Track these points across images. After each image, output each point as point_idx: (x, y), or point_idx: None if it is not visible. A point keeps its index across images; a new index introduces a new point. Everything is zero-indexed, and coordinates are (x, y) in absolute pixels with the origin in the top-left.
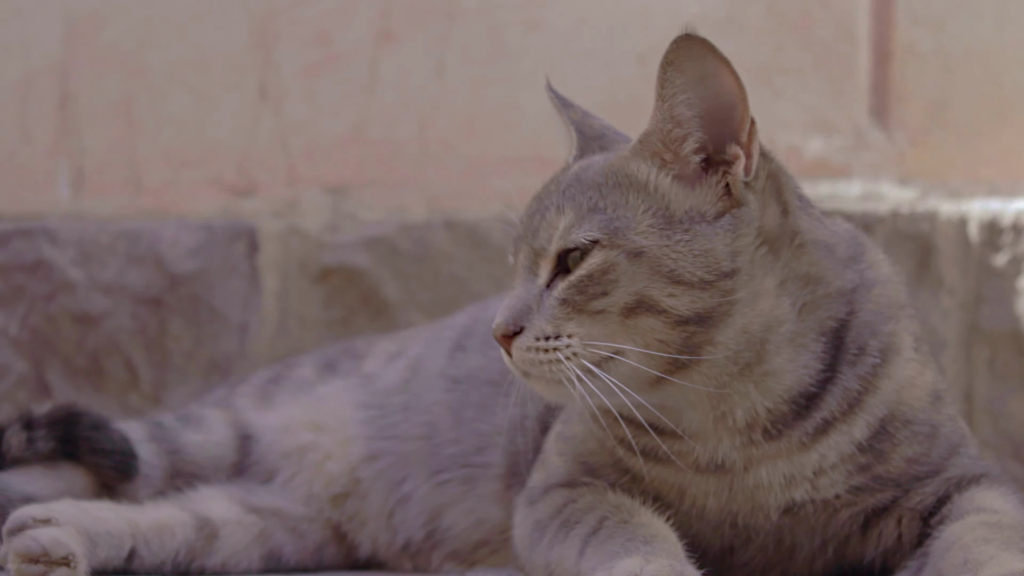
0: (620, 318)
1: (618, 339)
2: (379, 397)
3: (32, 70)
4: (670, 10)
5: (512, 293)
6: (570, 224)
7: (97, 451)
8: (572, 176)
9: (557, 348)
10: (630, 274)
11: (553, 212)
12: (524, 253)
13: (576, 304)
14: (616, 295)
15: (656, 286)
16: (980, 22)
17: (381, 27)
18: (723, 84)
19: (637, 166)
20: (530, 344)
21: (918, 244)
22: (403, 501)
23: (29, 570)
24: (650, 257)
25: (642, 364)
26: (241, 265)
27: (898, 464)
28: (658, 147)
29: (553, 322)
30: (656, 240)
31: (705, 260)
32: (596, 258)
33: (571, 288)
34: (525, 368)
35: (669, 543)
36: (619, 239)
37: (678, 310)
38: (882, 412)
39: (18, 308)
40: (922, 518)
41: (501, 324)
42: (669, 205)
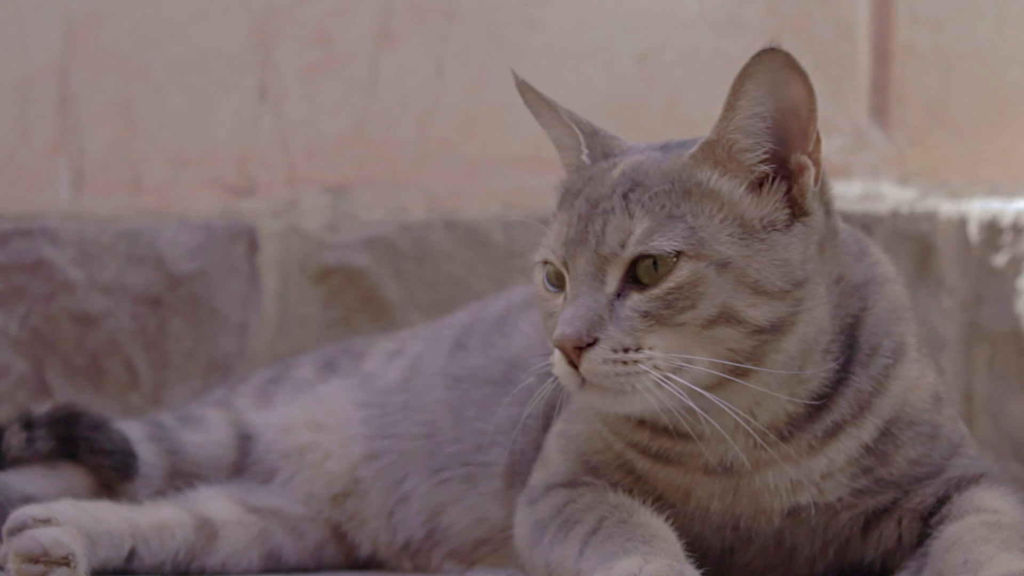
0: (699, 329)
1: (693, 349)
2: (379, 396)
3: (32, 70)
4: (670, 10)
5: (577, 301)
6: (648, 231)
7: (97, 451)
8: (627, 179)
9: (638, 361)
10: (717, 286)
11: (620, 216)
12: (585, 259)
13: (661, 317)
14: (701, 307)
15: (740, 297)
16: (980, 22)
17: (381, 27)
18: (799, 97)
19: (705, 173)
20: (607, 357)
21: (918, 244)
22: (403, 500)
23: (29, 570)
24: (736, 268)
25: (709, 370)
26: (241, 265)
27: (901, 465)
28: (723, 156)
29: (633, 334)
30: (739, 250)
31: (783, 270)
32: (684, 270)
33: (656, 301)
34: (596, 380)
35: (668, 543)
36: (705, 250)
37: (757, 320)
38: (889, 414)
39: (18, 308)
40: (922, 518)
41: (572, 335)
42: (743, 214)
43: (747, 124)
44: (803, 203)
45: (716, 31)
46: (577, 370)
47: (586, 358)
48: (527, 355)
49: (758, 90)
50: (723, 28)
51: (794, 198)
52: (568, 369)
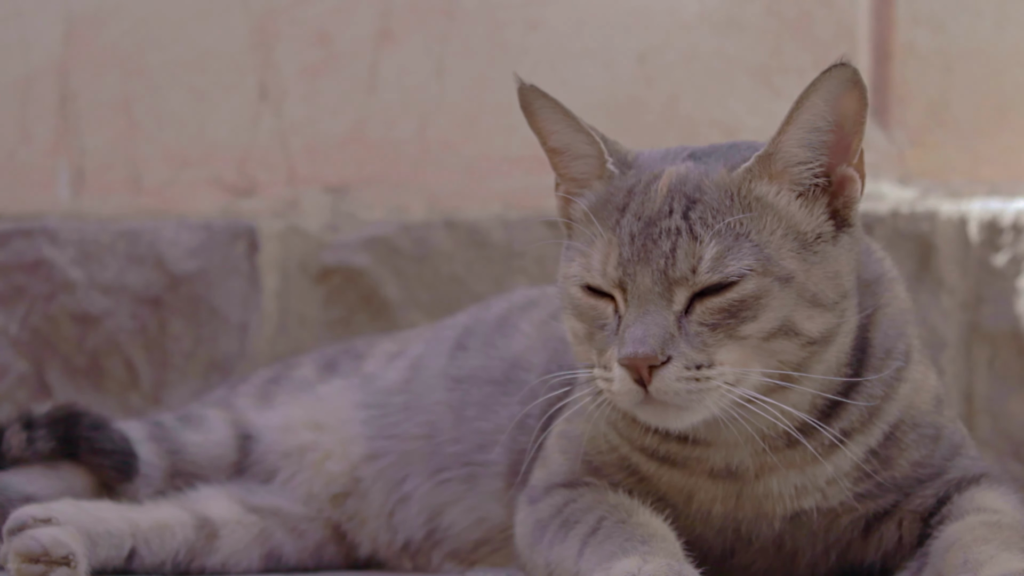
0: (760, 342)
1: (751, 362)
2: (380, 396)
3: (32, 70)
4: (670, 10)
5: (645, 319)
6: (718, 255)
7: (97, 451)
8: (682, 195)
9: (711, 377)
10: (779, 300)
11: (687, 239)
12: (650, 279)
13: (727, 329)
14: (763, 320)
15: (799, 310)
16: (980, 22)
17: (381, 27)
18: (854, 111)
19: (763, 188)
20: (680, 375)
21: (918, 244)
22: (404, 500)
23: (29, 570)
24: (797, 283)
25: (761, 380)
26: (241, 265)
27: (903, 468)
28: (779, 168)
29: (705, 350)
30: (799, 264)
31: (836, 282)
32: (750, 283)
33: (722, 313)
34: (666, 398)
35: (667, 542)
36: (771, 266)
37: (812, 332)
38: (895, 418)
39: (18, 308)
40: (922, 519)
41: (647, 353)
42: (799, 227)
43: (808, 137)
44: (847, 215)
45: (716, 31)
46: (644, 387)
47: (658, 376)
48: (528, 356)
49: (823, 104)
50: (723, 28)
51: (837, 209)
52: (634, 387)
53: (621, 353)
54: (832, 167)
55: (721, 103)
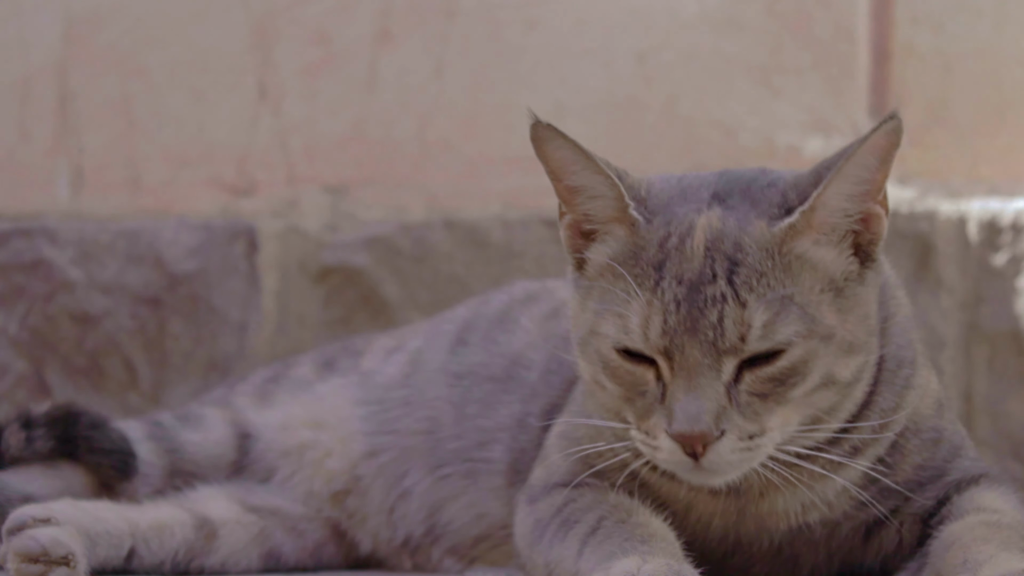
0: (802, 398)
1: (792, 417)
2: (378, 392)
3: (31, 70)
4: (670, 10)
5: (697, 393)
6: (768, 322)
7: (96, 450)
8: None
9: (762, 445)
10: (823, 356)
11: (734, 306)
12: (699, 351)
13: (776, 396)
14: (810, 379)
15: (839, 362)
16: (979, 22)
17: (380, 27)
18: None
19: (803, 244)
20: (734, 447)
21: (917, 244)
22: (404, 496)
23: (29, 570)
24: (837, 337)
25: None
26: (240, 265)
27: (906, 473)
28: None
29: (756, 420)
30: (837, 317)
31: (866, 323)
32: (798, 350)
33: (772, 381)
34: (719, 469)
35: (667, 542)
36: (816, 326)
37: (846, 377)
38: (902, 426)
39: (17, 307)
40: (922, 520)
41: (703, 430)
42: (832, 275)
43: (853, 189)
44: (872, 251)
45: (715, 31)
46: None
47: (713, 451)
48: (529, 353)
49: (872, 157)
50: (723, 28)
51: (862, 246)
52: (684, 458)
53: (673, 428)
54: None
55: (721, 103)
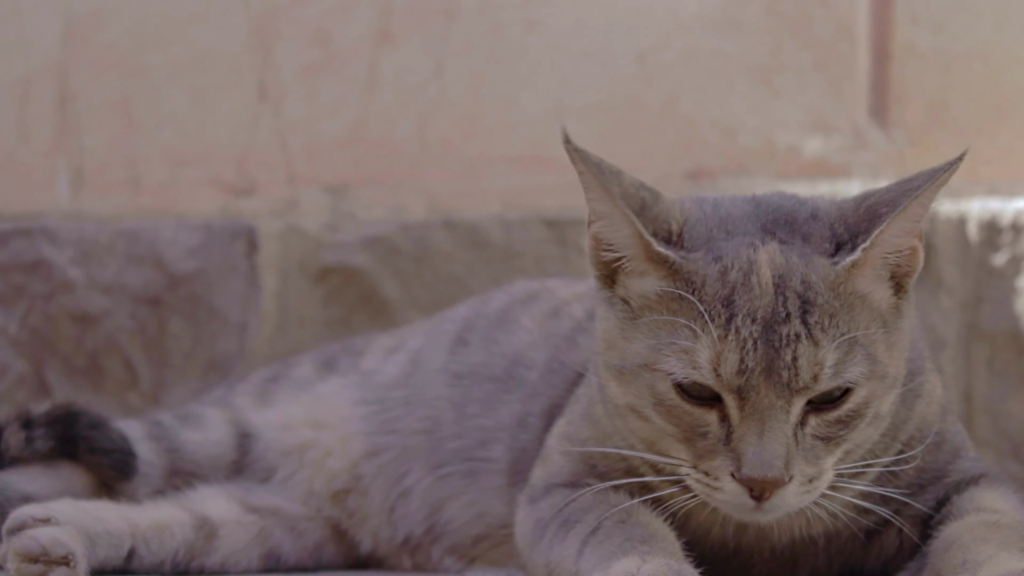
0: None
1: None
2: (379, 392)
3: (31, 70)
4: (670, 10)
5: (768, 437)
6: (838, 362)
7: (96, 450)
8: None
9: (819, 487)
10: (878, 395)
11: (808, 346)
12: (775, 393)
13: (838, 439)
14: (866, 417)
15: (886, 398)
16: (980, 22)
17: (380, 27)
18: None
19: (863, 283)
20: (798, 491)
21: None
22: (404, 495)
23: (29, 569)
24: (890, 375)
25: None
26: (240, 265)
27: (908, 476)
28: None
29: (816, 462)
30: (887, 354)
31: (904, 356)
32: (862, 392)
33: (836, 424)
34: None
35: (667, 542)
36: (876, 367)
37: (886, 410)
38: (908, 435)
39: (17, 307)
40: (922, 521)
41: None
42: (882, 312)
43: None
44: (906, 283)
45: (715, 31)
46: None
47: (779, 495)
48: (529, 352)
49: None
50: (722, 28)
51: (896, 278)
52: (748, 501)
53: (744, 474)
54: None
55: (721, 103)
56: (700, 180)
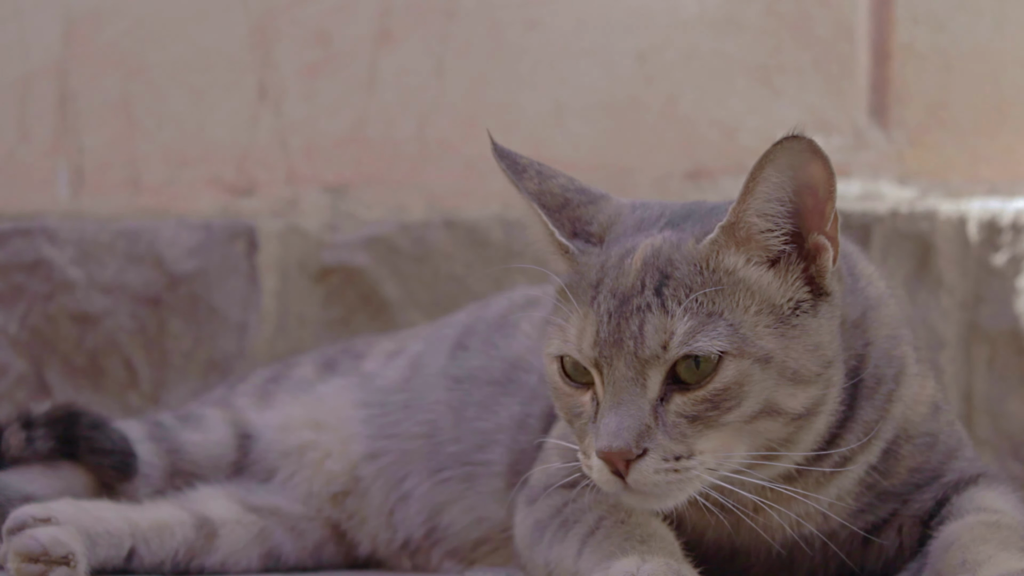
0: (742, 425)
1: (734, 444)
2: (379, 395)
3: (31, 69)
4: (670, 10)
5: (620, 410)
6: (690, 331)
7: (96, 450)
8: (654, 270)
9: (690, 468)
10: (761, 382)
11: (658, 315)
12: (624, 363)
13: (708, 420)
14: (747, 405)
15: (782, 390)
16: (979, 22)
17: (380, 27)
18: (818, 180)
19: (731, 259)
20: (658, 467)
21: (917, 244)
22: (403, 499)
23: (29, 569)
24: (777, 362)
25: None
26: (240, 264)
27: (901, 475)
28: (743, 236)
29: (683, 441)
30: (778, 342)
31: (816, 354)
32: (729, 370)
33: (702, 403)
34: (645, 489)
35: (666, 542)
36: (748, 347)
37: (796, 409)
38: (892, 434)
39: (17, 307)
40: (922, 522)
41: (621, 447)
42: (773, 300)
43: (766, 208)
44: (823, 283)
45: (715, 31)
46: (623, 479)
47: (636, 469)
48: (528, 356)
49: (779, 176)
50: (722, 28)
51: (813, 277)
52: (612, 478)
53: (597, 445)
54: (805, 234)
55: (721, 103)
56: (700, 180)
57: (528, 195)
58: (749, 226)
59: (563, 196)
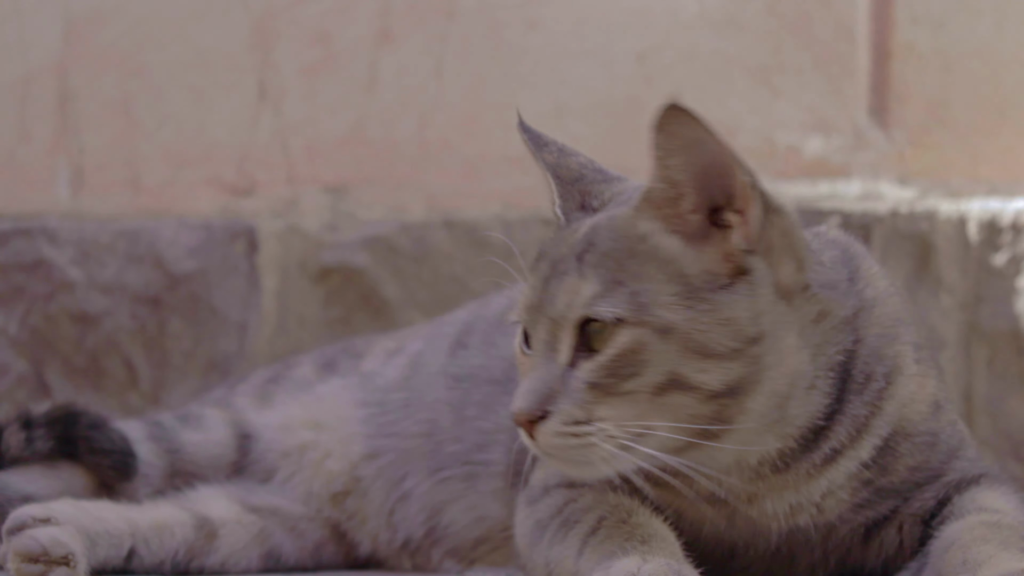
0: (651, 396)
1: (650, 417)
2: (379, 394)
3: (31, 69)
4: (670, 10)
5: (532, 374)
6: (595, 294)
7: (96, 450)
8: (584, 238)
9: (589, 433)
10: (661, 352)
11: (573, 277)
12: (543, 326)
13: (606, 387)
14: (647, 375)
15: (687, 363)
16: (980, 22)
17: (380, 27)
18: (709, 152)
19: (646, 228)
20: (559, 430)
21: (918, 244)
22: (403, 499)
23: (29, 569)
24: (680, 333)
25: (672, 436)
26: (240, 264)
27: (900, 474)
28: (660, 203)
29: (584, 407)
30: (682, 314)
31: (730, 329)
32: (624, 337)
33: (600, 370)
34: (551, 452)
35: (667, 542)
36: (646, 315)
37: (710, 385)
38: (887, 431)
39: (17, 307)
40: (923, 521)
41: (525, 409)
42: (685, 271)
43: (671, 175)
44: (739, 262)
45: (715, 31)
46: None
47: (539, 431)
48: None
49: (669, 142)
50: (722, 28)
51: (730, 254)
52: (529, 440)
53: (510, 408)
54: (717, 208)
55: (721, 103)
56: None
57: (544, 165)
58: (660, 192)
59: (579, 172)
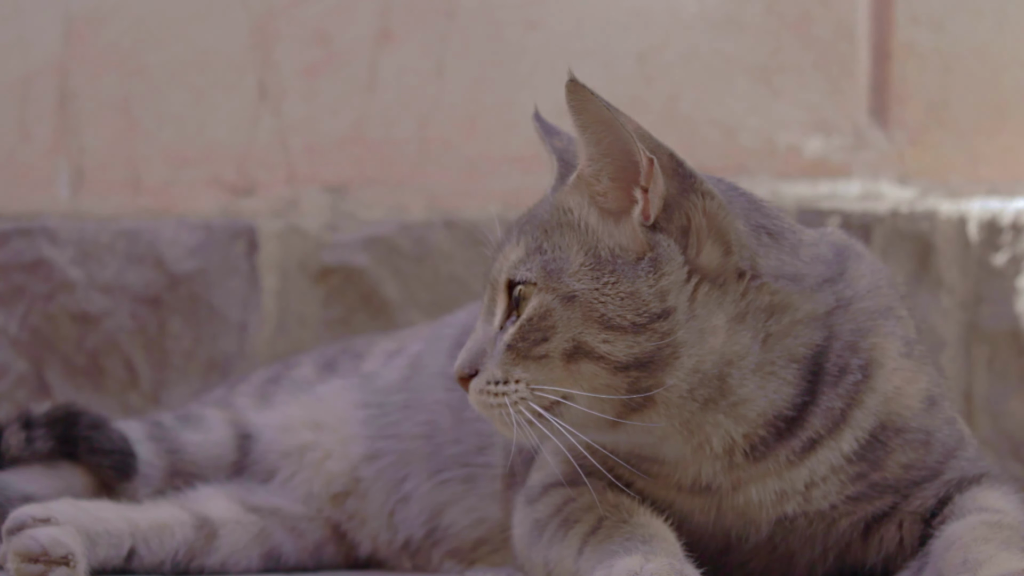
0: (563, 363)
1: (565, 384)
2: (379, 396)
3: (31, 69)
4: (670, 10)
5: (472, 335)
6: (518, 259)
7: (96, 450)
8: (530, 210)
9: (504, 393)
10: (565, 319)
11: (511, 245)
12: (487, 289)
13: (520, 350)
14: (555, 341)
15: (590, 332)
16: (980, 22)
17: (380, 27)
18: (611, 128)
19: (573, 200)
20: (481, 387)
21: (918, 244)
22: (403, 500)
23: (29, 569)
24: (582, 302)
25: (593, 409)
26: (241, 264)
27: (894, 470)
28: (588, 178)
29: (502, 367)
30: (587, 283)
31: (632, 303)
32: (533, 302)
33: (516, 333)
34: (480, 410)
35: (668, 542)
36: (553, 282)
37: (615, 356)
38: (871, 424)
39: (18, 307)
40: (924, 520)
41: (458, 367)
42: (597, 244)
43: (587, 149)
44: (648, 238)
45: (715, 30)
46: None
47: (470, 388)
48: None
49: (578, 118)
50: (722, 28)
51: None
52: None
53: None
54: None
55: (721, 103)
56: None
57: (551, 149)
58: (586, 169)
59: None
